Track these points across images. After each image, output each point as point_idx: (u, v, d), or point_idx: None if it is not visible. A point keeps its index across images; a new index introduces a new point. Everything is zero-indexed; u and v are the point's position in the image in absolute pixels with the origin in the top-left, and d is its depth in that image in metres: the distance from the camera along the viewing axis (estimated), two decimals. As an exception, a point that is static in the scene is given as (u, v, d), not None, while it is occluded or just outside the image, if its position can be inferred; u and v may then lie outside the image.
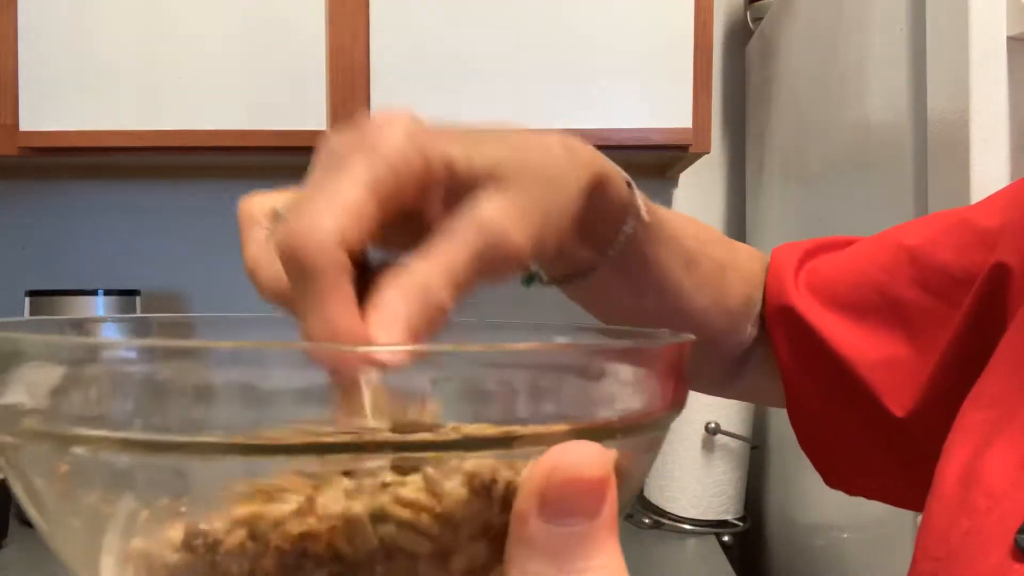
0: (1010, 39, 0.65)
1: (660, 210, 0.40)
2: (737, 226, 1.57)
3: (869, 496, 0.51)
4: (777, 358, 0.48)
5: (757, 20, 1.45)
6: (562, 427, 0.18)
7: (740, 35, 1.55)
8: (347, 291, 0.24)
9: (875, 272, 0.46)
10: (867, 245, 0.49)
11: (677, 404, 0.22)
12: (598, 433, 0.19)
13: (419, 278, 0.25)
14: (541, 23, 1.25)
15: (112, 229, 1.59)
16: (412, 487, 0.17)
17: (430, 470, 0.17)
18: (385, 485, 0.17)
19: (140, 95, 1.26)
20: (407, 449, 0.17)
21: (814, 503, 1.16)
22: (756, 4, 1.46)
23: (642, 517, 1.33)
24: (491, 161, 0.28)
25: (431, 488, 0.17)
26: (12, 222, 1.60)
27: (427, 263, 0.25)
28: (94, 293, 1.36)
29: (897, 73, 0.81)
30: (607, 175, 0.35)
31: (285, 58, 1.26)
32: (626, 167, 0.37)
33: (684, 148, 1.26)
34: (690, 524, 1.31)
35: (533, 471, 0.16)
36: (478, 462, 0.18)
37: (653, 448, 0.23)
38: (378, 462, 0.17)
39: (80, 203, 1.60)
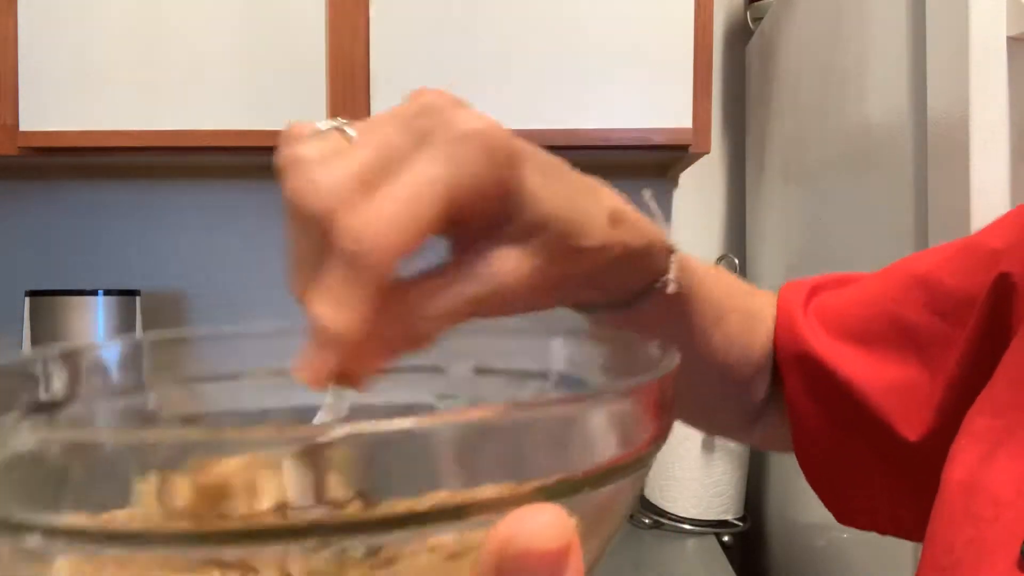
0: (1010, 39, 0.65)
1: (694, 268, 0.39)
2: (737, 226, 1.57)
3: (880, 531, 0.50)
4: (784, 394, 0.48)
5: (757, 20, 1.45)
6: (523, 488, 0.17)
7: (740, 35, 1.55)
8: (372, 292, 0.24)
9: (886, 302, 0.46)
10: (876, 278, 0.48)
11: (659, 438, 0.21)
12: (565, 489, 0.17)
13: (412, 305, 0.26)
14: (541, 23, 1.25)
15: (112, 229, 1.59)
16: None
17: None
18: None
19: (140, 95, 1.26)
20: (347, 530, 0.16)
21: (814, 503, 1.16)
22: (756, 4, 1.46)
23: (642, 517, 1.33)
24: (547, 211, 0.29)
25: None
26: (12, 222, 1.60)
27: (427, 294, 0.26)
28: (94, 293, 1.36)
29: (897, 73, 0.81)
30: (644, 250, 0.34)
31: (285, 58, 1.26)
32: (626, 167, 0.37)
33: (684, 148, 1.25)
34: (690, 524, 1.31)
35: (489, 540, 0.15)
36: (429, 555, 0.16)
37: (636, 485, 0.21)
38: (314, 543, 0.16)
39: (80, 203, 1.59)
